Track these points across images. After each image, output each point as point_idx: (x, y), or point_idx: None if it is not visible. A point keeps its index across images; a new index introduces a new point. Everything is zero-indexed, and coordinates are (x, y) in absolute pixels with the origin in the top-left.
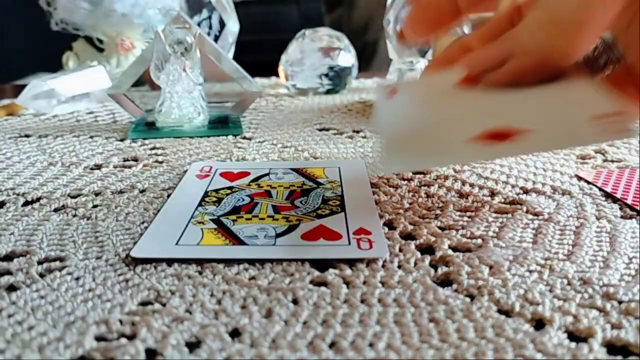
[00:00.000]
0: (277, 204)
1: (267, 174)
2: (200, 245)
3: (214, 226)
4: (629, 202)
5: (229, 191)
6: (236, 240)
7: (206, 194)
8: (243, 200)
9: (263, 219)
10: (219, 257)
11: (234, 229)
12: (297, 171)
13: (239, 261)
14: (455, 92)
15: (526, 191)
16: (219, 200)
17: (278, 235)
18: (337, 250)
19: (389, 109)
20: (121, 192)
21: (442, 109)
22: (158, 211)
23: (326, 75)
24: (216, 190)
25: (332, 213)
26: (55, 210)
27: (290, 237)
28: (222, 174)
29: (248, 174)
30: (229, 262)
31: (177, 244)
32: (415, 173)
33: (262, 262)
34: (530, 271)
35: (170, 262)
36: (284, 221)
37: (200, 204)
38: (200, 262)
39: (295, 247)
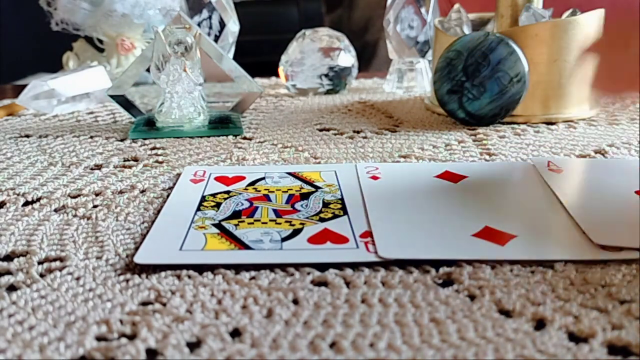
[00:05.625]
0: (277, 208)
1: (263, 178)
2: (205, 251)
3: (217, 231)
4: None
5: (226, 195)
6: (241, 244)
7: (203, 199)
8: (242, 204)
9: (265, 223)
10: (227, 263)
11: (238, 233)
12: (294, 175)
13: (248, 267)
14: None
15: None
16: (217, 205)
17: (284, 240)
18: (346, 254)
19: (375, 191)
20: (121, 192)
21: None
22: (157, 213)
23: (326, 75)
24: (213, 195)
25: (335, 216)
26: (56, 210)
27: (296, 241)
28: (216, 178)
29: (243, 178)
30: (237, 268)
31: (180, 249)
32: None
33: (271, 267)
34: (533, 272)
35: (176, 268)
36: (288, 225)
37: (198, 209)
38: (209, 268)
39: (303, 252)
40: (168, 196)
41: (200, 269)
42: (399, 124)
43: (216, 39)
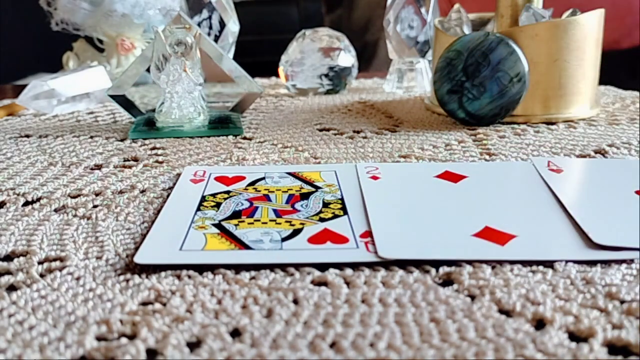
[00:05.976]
0: (277, 208)
1: (263, 178)
2: (205, 251)
3: (217, 231)
4: None
5: (226, 195)
6: (241, 245)
7: (203, 199)
8: (242, 204)
9: (265, 223)
10: (227, 263)
11: (238, 233)
12: (294, 175)
13: (248, 267)
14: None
15: None
16: (217, 205)
17: (284, 240)
18: (346, 254)
19: (375, 191)
20: (121, 192)
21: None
22: (157, 213)
23: (326, 75)
24: (213, 195)
25: (335, 216)
26: (56, 210)
27: (296, 241)
28: (216, 178)
29: (243, 178)
30: (237, 268)
31: (181, 249)
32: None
33: (271, 267)
34: (533, 271)
35: (176, 268)
36: (288, 225)
37: (198, 209)
38: (209, 268)
39: (303, 252)
40: (168, 196)
41: (200, 269)
42: (399, 124)
43: (216, 39)
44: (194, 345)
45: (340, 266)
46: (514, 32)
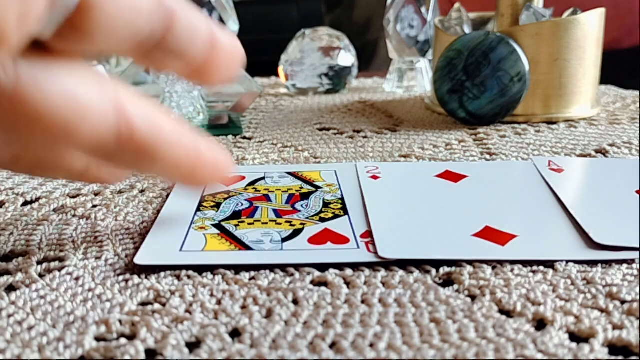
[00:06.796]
0: (277, 208)
1: (263, 178)
2: (205, 252)
3: (217, 231)
4: None
5: (226, 195)
6: (242, 245)
7: (203, 199)
8: (242, 204)
9: (266, 223)
10: (227, 263)
11: (238, 234)
12: (293, 175)
13: (247, 267)
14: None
15: None
16: (217, 205)
17: (284, 240)
18: (347, 254)
19: (375, 190)
20: (121, 192)
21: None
22: (157, 213)
23: (326, 74)
24: (213, 195)
25: (335, 216)
26: (55, 210)
27: (296, 241)
28: None
29: (243, 177)
30: (237, 268)
31: (181, 250)
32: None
33: (271, 267)
34: (534, 272)
35: (176, 268)
36: (288, 225)
37: (198, 209)
38: (209, 268)
39: (303, 252)
40: (168, 196)
41: (200, 269)
42: (399, 123)
43: None
44: (193, 345)
45: (340, 266)
46: (514, 31)
